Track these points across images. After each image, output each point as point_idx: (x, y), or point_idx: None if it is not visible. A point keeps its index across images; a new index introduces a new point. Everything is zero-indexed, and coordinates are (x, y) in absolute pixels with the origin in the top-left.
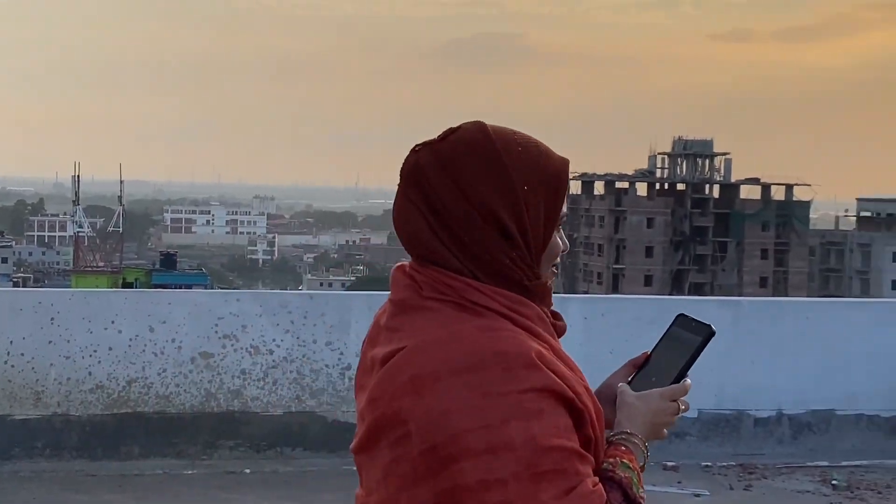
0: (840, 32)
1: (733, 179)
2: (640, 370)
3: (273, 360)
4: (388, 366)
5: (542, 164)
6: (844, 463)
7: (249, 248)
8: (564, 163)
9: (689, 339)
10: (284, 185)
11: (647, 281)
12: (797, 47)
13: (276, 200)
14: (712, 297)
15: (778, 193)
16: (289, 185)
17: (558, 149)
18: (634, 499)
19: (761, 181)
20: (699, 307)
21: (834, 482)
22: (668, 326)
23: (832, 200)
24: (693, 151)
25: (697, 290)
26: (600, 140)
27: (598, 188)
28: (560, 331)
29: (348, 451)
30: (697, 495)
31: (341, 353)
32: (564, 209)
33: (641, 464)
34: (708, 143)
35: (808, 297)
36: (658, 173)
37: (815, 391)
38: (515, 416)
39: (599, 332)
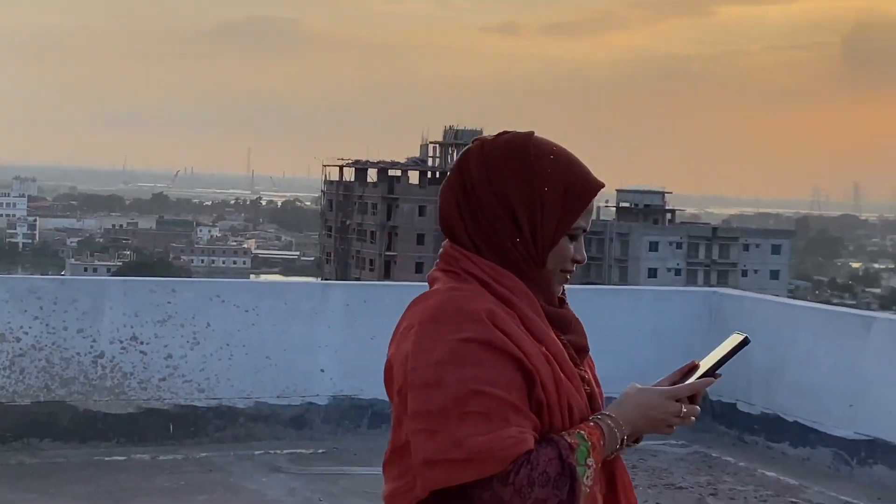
0: (603, 28)
1: None
2: (685, 378)
3: (20, 349)
4: (398, 323)
5: (569, 176)
6: None
7: (9, 231)
8: (594, 183)
9: (726, 348)
10: (46, 165)
11: (419, 268)
12: (562, 42)
13: (38, 182)
14: None
15: None
16: (51, 166)
17: (327, 133)
18: (566, 460)
19: None
20: None
21: None
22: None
23: None
24: (463, 141)
25: None
26: (373, 128)
27: (372, 175)
28: (555, 316)
29: (99, 441)
30: None
31: (94, 341)
32: (583, 222)
33: (616, 446)
34: (478, 133)
35: (570, 285)
36: (430, 162)
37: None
38: (452, 360)
39: (361, 319)
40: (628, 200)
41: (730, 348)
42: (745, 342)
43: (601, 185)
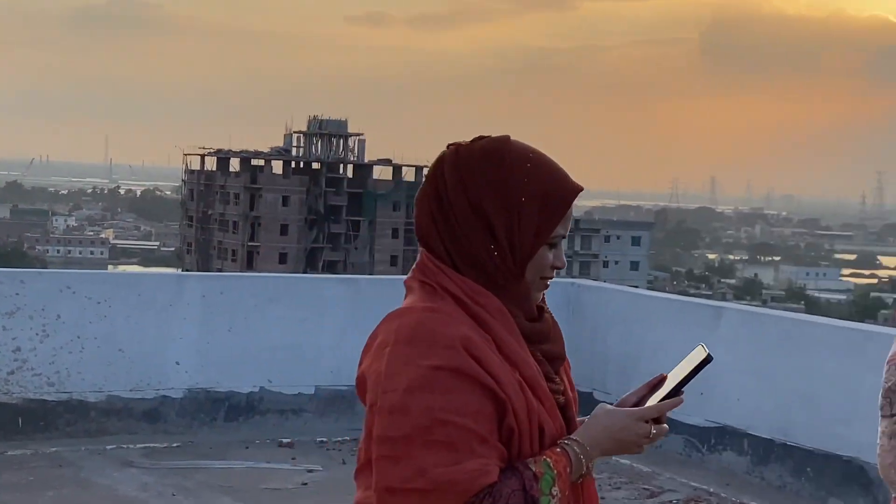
0: (468, 21)
1: (367, 160)
2: (652, 391)
3: None
4: (371, 334)
5: (547, 184)
6: None
7: None
8: (573, 189)
9: (693, 362)
10: None
11: (282, 259)
12: (428, 33)
13: None
14: (332, 275)
15: (409, 175)
16: None
17: (189, 122)
18: (530, 492)
19: (393, 162)
20: (320, 285)
21: None
22: (690, 352)
23: None
24: (328, 131)
25: (331, 267)
26: (236, 117)
27: (234, 165)
28: (532, 332)
29: None
30: (311, 471)
31: None
32: (561, 230)
33: (583, 472)
34: (342, 124)
35: None
36: (294, 152)
37: None
38: (421, 387)
39: (218, 310)
40: None
41: (695, 364)
42: (707, 359)
43: (579, 190)
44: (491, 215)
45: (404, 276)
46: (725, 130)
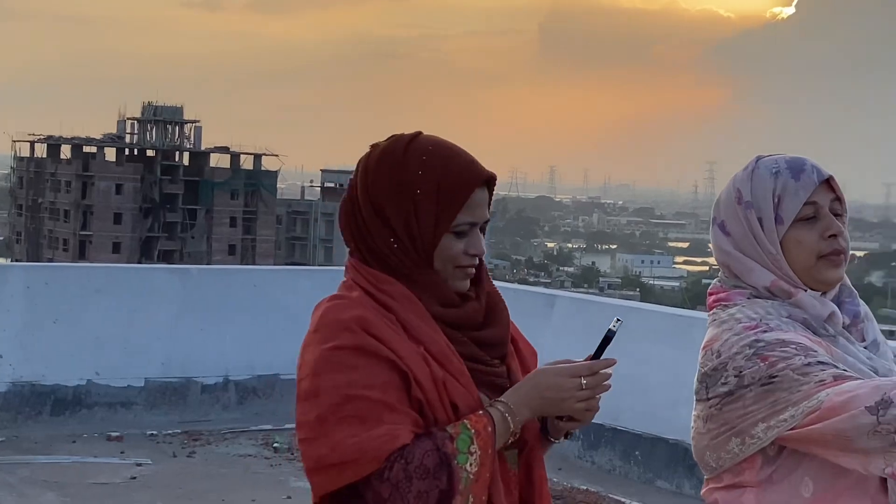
0: (308, 6)
1: (203, 147)
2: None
3: None
4: None
5: (441, 174)
6: (287, 426)
7: None
8: (472, 178)
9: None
10: None
11: (116, 248)
12: (267, 19)
13: None
14: (162, 264)
15: (247, 163)
16: None
17: (18, 108)
18: (443, 448)
19: (231, 150)
20: (150, 275)
21: (276, 445)
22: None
23: (299, 171)
24: (163, 118)
25: (167, 257)
26: (68, 102)
27: (65, 152)
28: (449, 317)
29: None
30: (140, 465)
31: None
32: (468, 217)
33: (511, 429)
34: (178, 110)
35: (275, 264)
36: (127, 139)
37: (262, 357)
38: (326, 368)
39: (43, 301)
40: (333, 181)
41: (604, 334)
42: (610, 333)
43: (483, 177)
44: (388, 211)
45: (239, 266)
46: (564, 121)
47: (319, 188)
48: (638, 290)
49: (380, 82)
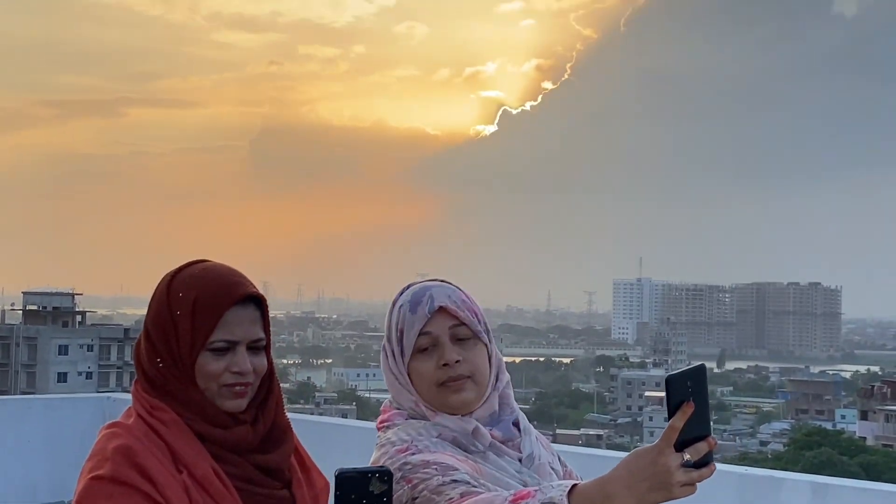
0: (14, 127)
1: None
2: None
3: None
4: None
5: (199, 296)
6: None
7: None
8: (228, 296)
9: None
10: None
11: None
12: None
13: None
14: None
15: None
16: None
17: None
18: None
19: None
20: None
21: None
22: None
23: None
24: None
25: None
26: None
27: None
28: (222, 440)
29: None
30: None
31: None
32: (226, 336)
33: None
34: None
35: None
36: None
37: None
38: (87, 497)
39: None
40: (36, 303)
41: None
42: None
43: (236, 296)
44: (154, 334)
45: None
46: (275, 236)
47: (21, 311)
48: (354, 403)
49: (85, 201)
